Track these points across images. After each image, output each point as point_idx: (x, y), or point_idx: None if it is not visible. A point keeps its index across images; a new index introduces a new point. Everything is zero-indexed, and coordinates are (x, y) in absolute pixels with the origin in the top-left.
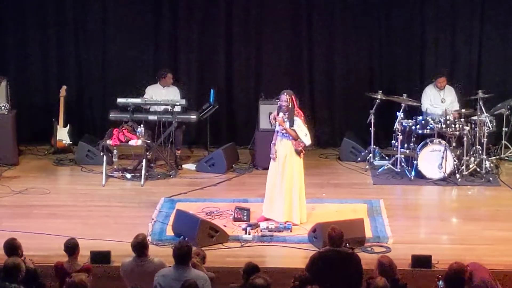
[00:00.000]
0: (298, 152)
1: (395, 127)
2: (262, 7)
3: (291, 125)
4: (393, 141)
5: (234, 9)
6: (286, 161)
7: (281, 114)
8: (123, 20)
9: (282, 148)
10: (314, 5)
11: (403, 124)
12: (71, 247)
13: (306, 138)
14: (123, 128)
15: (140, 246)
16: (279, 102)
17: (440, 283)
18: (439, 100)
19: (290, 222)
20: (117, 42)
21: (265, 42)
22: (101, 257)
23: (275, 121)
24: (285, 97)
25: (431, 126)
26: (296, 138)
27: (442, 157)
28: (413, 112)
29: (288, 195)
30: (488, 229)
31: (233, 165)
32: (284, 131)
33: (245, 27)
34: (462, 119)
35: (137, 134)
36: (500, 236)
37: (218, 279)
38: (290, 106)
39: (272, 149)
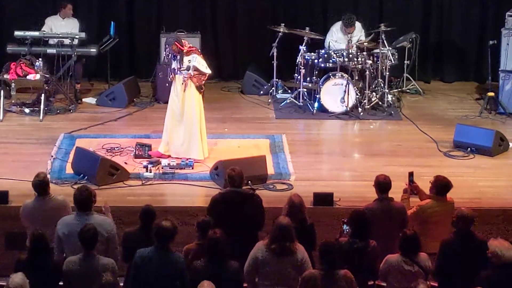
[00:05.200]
0: (199, 88)
1: (297, 61)
2: None
3: (187, 67)
4: (296, 75)
5: None
6: (187, 96)
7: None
8: None
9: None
10: None
11: (306, 57)
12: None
13: (207, 70)
14: (21, 62)
15: (41, 185)
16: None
17: (345, 227)
18: (345, 40)
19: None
20: None
21: None
22: None
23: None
24: (172, 48)
25: (333, 59)
26: (200, 74)
27: (345, 91)
28: (316, 45)
29: (194, 130)
30: (390, 165)
31: (135, 99)
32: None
33: None
34: (365, 53)
35: (36, 68)
36: (401, 171)
37: (119, 219)
38: (178, 51)
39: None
